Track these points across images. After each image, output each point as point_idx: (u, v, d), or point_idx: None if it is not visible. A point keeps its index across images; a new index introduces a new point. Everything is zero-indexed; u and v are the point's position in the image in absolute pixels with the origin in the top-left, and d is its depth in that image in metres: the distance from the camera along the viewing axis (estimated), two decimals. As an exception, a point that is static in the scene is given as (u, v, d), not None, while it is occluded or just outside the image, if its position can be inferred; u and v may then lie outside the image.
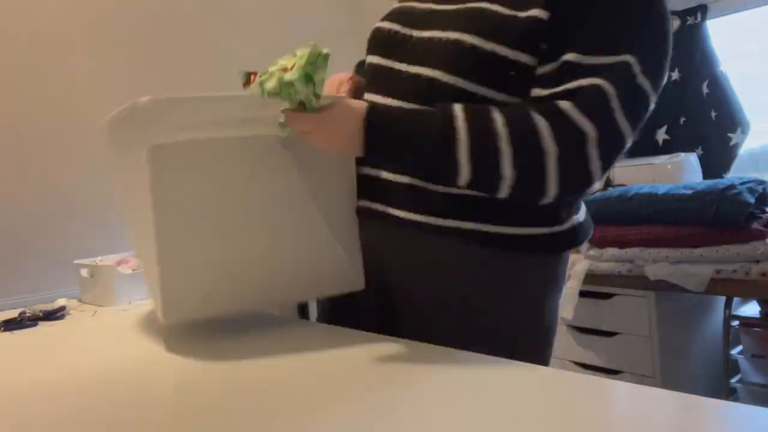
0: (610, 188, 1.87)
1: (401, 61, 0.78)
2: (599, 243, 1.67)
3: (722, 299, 1.58)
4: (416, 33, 0.78)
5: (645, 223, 1.56)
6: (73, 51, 1.90)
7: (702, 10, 1.93)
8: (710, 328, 1.75)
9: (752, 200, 1.41)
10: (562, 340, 1.78)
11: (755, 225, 1.42)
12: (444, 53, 0.72)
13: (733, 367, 1.62)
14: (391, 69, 0.79)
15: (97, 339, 0.87)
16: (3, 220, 1.71)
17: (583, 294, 1.68)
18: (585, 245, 1.71)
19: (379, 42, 0.83)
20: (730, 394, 1.59)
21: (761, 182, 1.48)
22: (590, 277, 1.65)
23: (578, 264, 1.69)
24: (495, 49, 0.69)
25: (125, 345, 0.80)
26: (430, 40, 0.75)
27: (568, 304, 1.68)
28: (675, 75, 2.01)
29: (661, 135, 2.09)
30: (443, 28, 0.74)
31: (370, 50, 0.86)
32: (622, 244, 1.61)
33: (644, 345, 1.57)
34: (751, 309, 1.63)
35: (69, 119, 1.82)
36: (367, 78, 0.85)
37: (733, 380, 1.60)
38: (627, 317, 1.61)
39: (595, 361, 1.70)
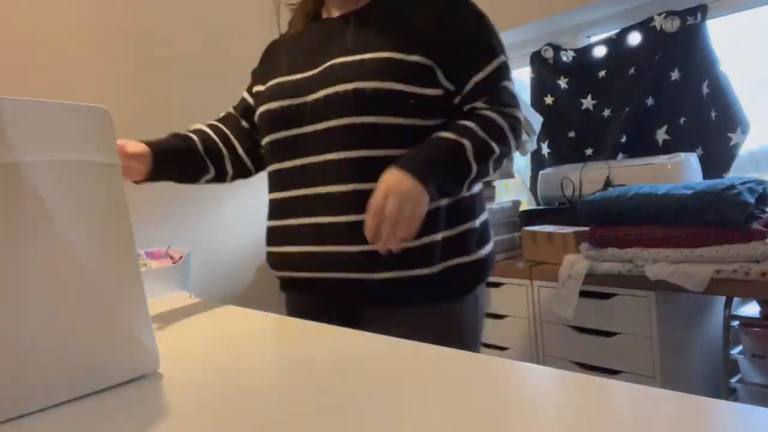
0: (610, 188, 1.87)
1: (306, 125, 0.94)
2: (599, 243, 1.67)
3: (722, 299, 1.58)
4: (308, 98, 0.93)
5: (645, 223, 1.56)
6: (71, 50, 1.90)
7: (702, 10, 1.93)
8: (710, 328, 1.75)
9: (752, 200, 1.41)
10: (562, 340, 1.78)
11: (755, 225, 1.42)
12: (346, 102, 0.89)
13: (733, 367, 1.62)
14: (302, 134, 0.95)
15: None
16: None
17: (583, 294, 1.68)
18: (585, 245, 1.71)
19: (276, 120, 0.98)
20: (730, 394, 1.59)
21: (761, 182, 1.48)
22: (590, 277, 1.65)
23: (578, 264, 1.69)
24: (392, 87, 0.88)
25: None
26: (326, 97, 0.91)
27: (568, 304, 1.68)
28: (675, 75, 2.00)
29: (661, 135, 2.09)
30: (333, 85, 0.90)
31: (269, 130, 1.00)
32: (622, 244, 1.61)
33: (644, 345, 1.57)
34: (751, 309, 1.63)
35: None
36: (276, 151, 0.99)
37: (733, 380, 1.60)
38: (627, 317, 1.61)
39: (595, 361, 1.70)
